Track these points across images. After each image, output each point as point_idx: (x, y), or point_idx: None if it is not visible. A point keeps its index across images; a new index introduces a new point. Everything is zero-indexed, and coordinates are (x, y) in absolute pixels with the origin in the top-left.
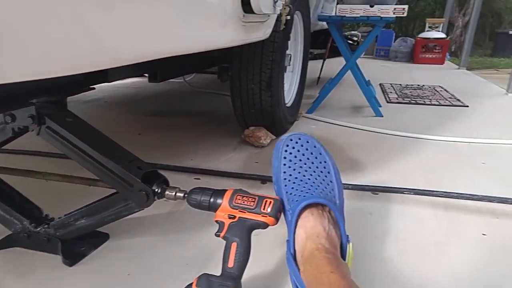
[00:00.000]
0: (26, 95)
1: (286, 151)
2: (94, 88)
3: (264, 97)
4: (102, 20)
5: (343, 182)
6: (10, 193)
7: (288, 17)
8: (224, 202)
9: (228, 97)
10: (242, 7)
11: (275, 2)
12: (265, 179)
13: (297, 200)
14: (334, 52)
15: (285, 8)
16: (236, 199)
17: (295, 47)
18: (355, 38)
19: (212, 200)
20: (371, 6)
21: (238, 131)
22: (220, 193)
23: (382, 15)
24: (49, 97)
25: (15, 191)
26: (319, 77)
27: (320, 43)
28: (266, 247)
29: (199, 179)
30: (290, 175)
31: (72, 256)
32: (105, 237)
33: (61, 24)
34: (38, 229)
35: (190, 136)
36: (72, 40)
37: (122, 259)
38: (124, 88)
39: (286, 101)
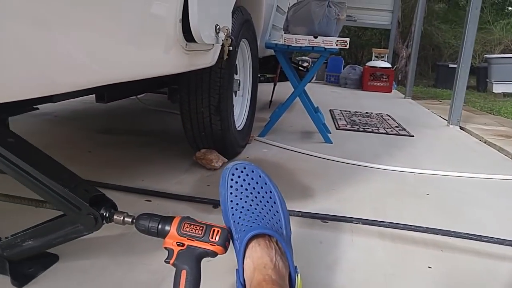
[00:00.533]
0: None
1: (232, 179)
2: (37, 108)
3: (214, 121)
4: (41, 48)
5: (294, 209)
6: None
7: (231, 48)
8: (172, 229)
9: (180, 116)
10: (184, 37)
11: (217, 33)
12: (217, 204)
13: (244, 230)
14: (285, 76)
15: (227, 39)
16: (184, 226)
17: (244, 73)
18: (306, 64)
19: (160, 226)
20: (315, 37)
21: (190, 152)
22: (168, 220)
23: (326, 46)
24: None
25: None
26: (271, 101)
27: (271, 68)
28: (217, 274)
29: (150, 201)
30: (237, 204)
31: (21, 277)
32: (54, 258)
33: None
34: None
35: (141, 155)
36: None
37: (73, 281)
38: (75, 102)
39: (237, 125)
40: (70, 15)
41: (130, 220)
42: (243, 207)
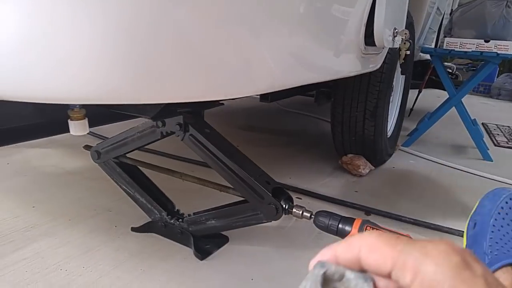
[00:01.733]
0: (176, 106)
1: (507, 203)
2: (223, 104)
3: (368, 126)
4: (264, 52)
5: (455, 228)
6: (151, 186)
7: (408, 52)
8: (353, 230)
9: (315, 119)
10: (364, 40)
11: (394, 37)
12: (369, 211)
13: (504, 253)
14: (431, 84)
15: (405, 43)
16: (366, 229)
17: (397, 78)
18: (450, 70)
19: (340, 226)
20: (486, 41)
21: (330, 155)
22: (349, 220)
23: (499, 52)
24: (192, 109)
25: (154, 185)
26: (411, 109)
27: (417, 74)
28: None
29: (300, 198)
30: (502, 226)
31: (202, 251)
32: (225, 239)
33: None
34: (173, 221)
35: (284, 154)
36: (248, 70)
37: (244, 263)
38: None
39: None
40: (274, 25)
41: (308, 215)
42: (507, 233)
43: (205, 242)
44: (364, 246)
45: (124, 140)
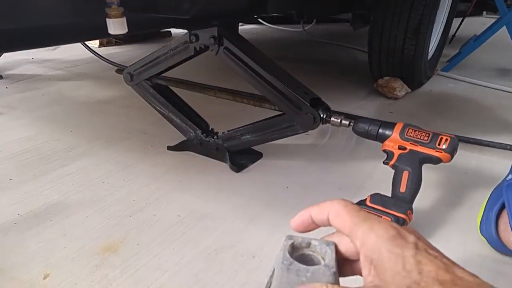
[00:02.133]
0: (209, 17)
1: None
2: (257, 18)
3: (408, 46)
4: None
5: (496, 141)
6: (184, 106)
7: None
8: (394, 133)
9: (347, 48)
10: None
11: None
12: None
13: None
14: (479, 8)
15: None
16: (407, 132)
17: None
18: None
19: (380, 130)
20: None
21: (365, 81)
22: (389, 125)
23: None
24: (226, 21)
25: (188, 105)
26: (453, 35)
27: None
28: None
29: None
30: None
31: (237, 165)
32: (259, 155)
33: None
34: (207, 138)
35: (315, 81)
36: None
37: (278, 175)
38: (243, 33)
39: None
40: None
41: (347, 122)
42: None
43: (240, 157)
44: (332, 212)
45: (157, 59)
